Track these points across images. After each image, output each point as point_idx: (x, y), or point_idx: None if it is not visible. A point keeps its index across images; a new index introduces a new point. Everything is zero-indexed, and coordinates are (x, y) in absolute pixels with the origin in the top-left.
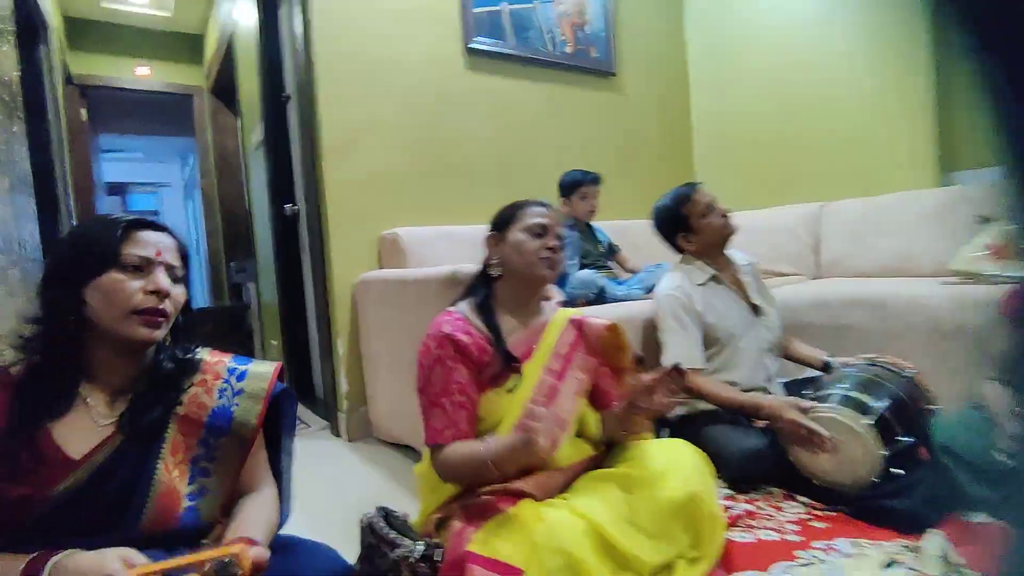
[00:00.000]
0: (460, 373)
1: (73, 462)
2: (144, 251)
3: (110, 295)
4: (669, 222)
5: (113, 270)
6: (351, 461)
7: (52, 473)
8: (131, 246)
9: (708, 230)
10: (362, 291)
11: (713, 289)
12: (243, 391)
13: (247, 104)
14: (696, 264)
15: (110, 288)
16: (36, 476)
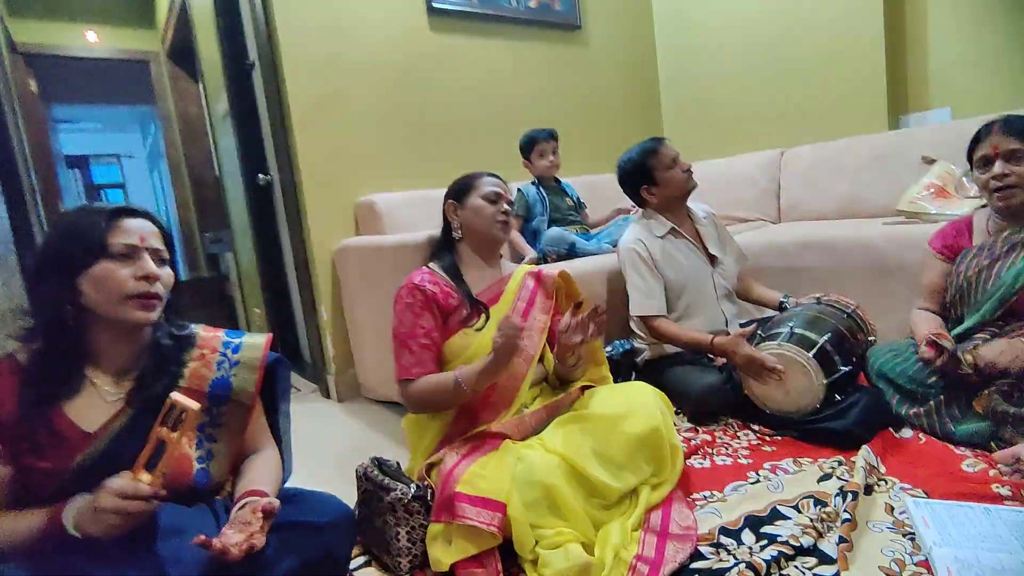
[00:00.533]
0: (426, 319)
1: (89, 435)
2: (129, 239)
3: (103, 284)
4: (634, 175)
5: (103, 260)
6: (342, 420)
7: (71, 447)
8: (117, 235)
9: (671, 184)
10: (342, 258)
11: (672, 241)
12: (239, 362)
13: (209, 70)
14: (656, 218)
15: (102, 277)
16: (56, 451)
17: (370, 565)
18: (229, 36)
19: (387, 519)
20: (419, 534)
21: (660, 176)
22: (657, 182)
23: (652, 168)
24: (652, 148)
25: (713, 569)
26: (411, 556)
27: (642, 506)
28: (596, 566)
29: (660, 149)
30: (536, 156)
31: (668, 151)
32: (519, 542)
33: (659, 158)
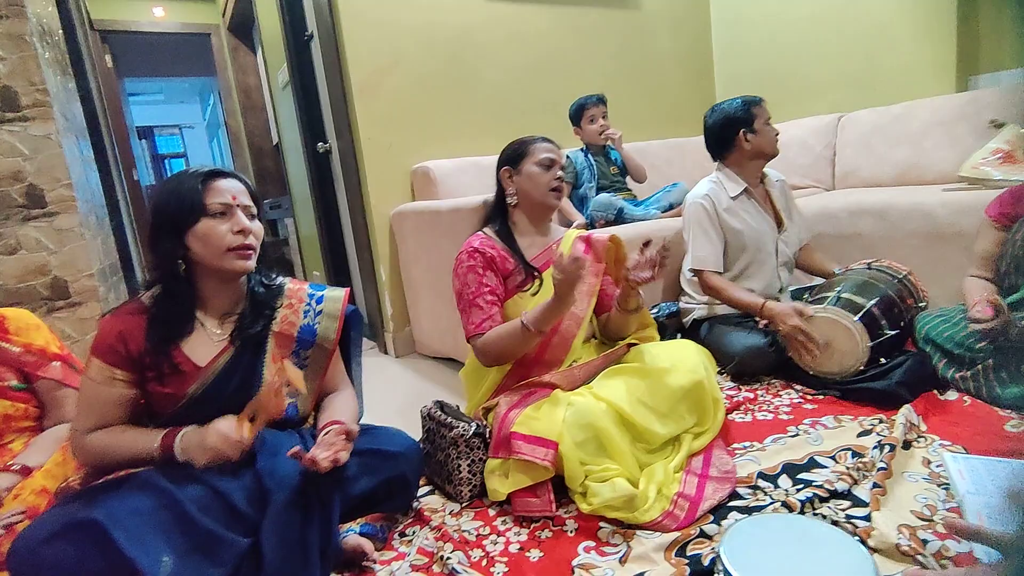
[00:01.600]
0: (490, 278)
1: (200, 368)
2: (223, 198)
3: (207, 239)
4: (735, 120)
5: (204, 218)
6: (401, 373)
7: (186, 377)
8: (212, 196)
9: (766, 137)
10: (399, 222)
11: (743, 202)
12: (323, 311)
13: (268, 41)
14: (730, 175)
15: (206, 234)
16: (175, 379)
17: (434, 493)
18: (289, 8)
19: (450, 452)
20: (479, 467)
21: (759, 126)
22: (756, 131)
23: (754, 116)
24: (756, 100)
25: (750, 507)
26: (471, 486)
27: (684, 451)
28: (640, 498)
29: (763, 104)
30: (586, 121)
31: (767, 109)
32: (570, 475)
33: (761, 110)
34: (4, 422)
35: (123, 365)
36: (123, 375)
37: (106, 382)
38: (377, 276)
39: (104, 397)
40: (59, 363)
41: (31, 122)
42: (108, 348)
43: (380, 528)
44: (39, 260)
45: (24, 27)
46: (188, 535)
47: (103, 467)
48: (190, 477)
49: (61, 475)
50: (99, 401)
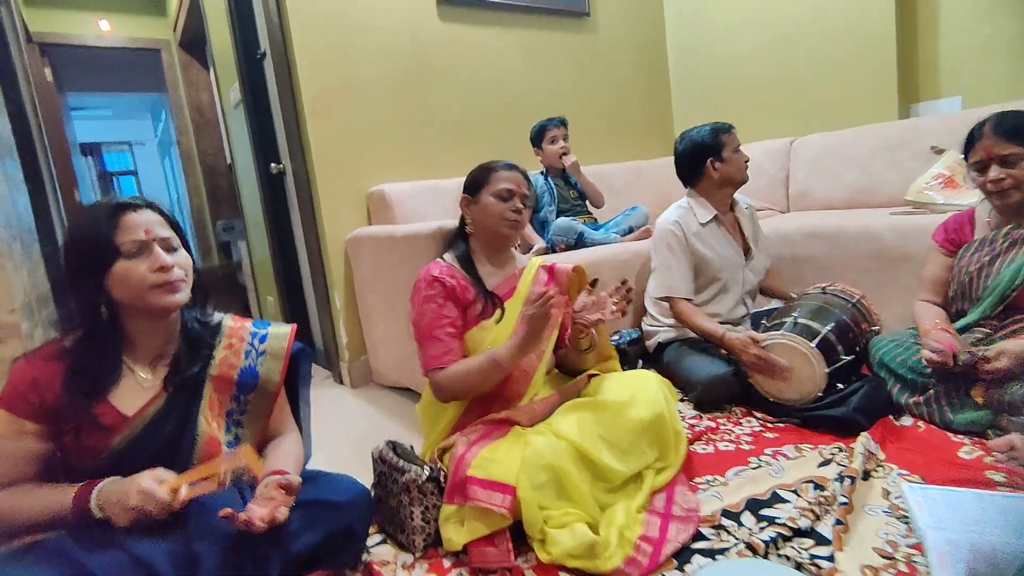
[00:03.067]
0: (450, 309)
1: (127, 418)
2: (135, 235)
3: (125, 281)
4: (704, 147)
5: (118, 260)
6: (356, 405)
7: (110, 428)
8: (123, 234)
9: (735, 165)
10: (354, 247)
11: (712, 229)
12: (266, 352)
13: (220, 59)
14: (702, 202)
15: (122, 276)
16: (96, 432)
17: (385, 543)
18: (241, 26)
19: (402, 499)
20: (432, 514)
21: (727, 155)
22: (724, 159)
23: (723, 144)
24: (726, 128)
25: (714, 549)
26: (425, 535)
27: (646, 489)
28: (601, 545)
29: (732, 131)
30: (547, 142)
31: (735, 137)
32: (528, 522)
33: (730, 138)
34: None
35: (35, 417)
36: (34, 428)
37: (14, 436)
38: (332, 303)
39: (10, 452)
40: None
41: None
42: (18, 397)
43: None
44: None
45: None
46: None
47: (7, 531)
48: (106, 542)
49: None
50: (5, 457)
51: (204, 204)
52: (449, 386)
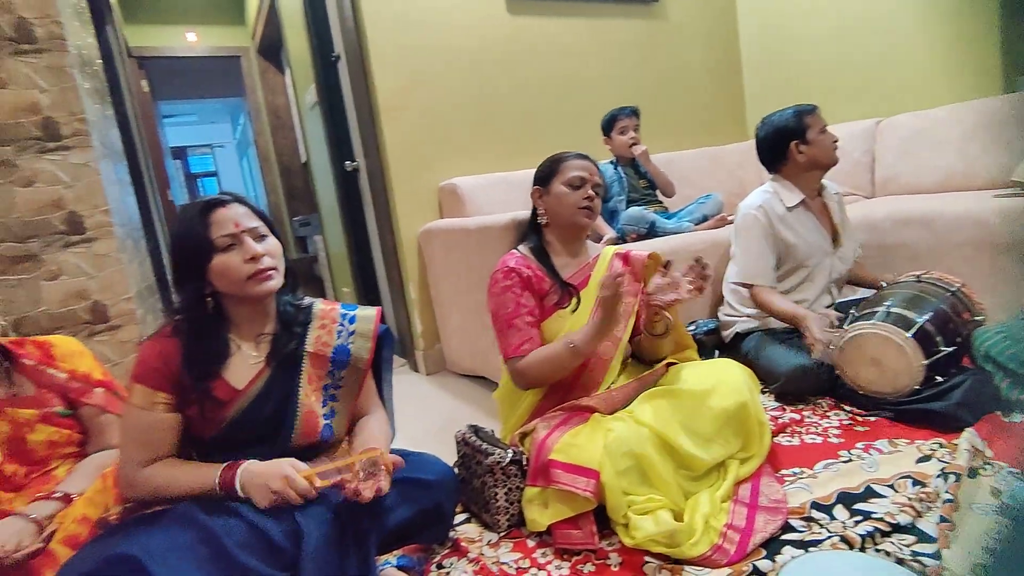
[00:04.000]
0: (527, 299)
1: (239, 391)
2: (226, 229)
3: (224, 274)
4: (786, 130)
5: (214, 254)
6: (432, 392)
7: (225, 400)
8: (216, 230)
9: (822, 147)
10: (427, 239)
11: (799, 214)
12: (355, 331)
13: (296, 63)
14: (787, 185)
15: (221, 269)
16: (215, 404)
17: (470, 521)
18: (316, 30)
19: (486, 480)
20: (516, 495)
21: (813, 136)
22: (809, 141)
23: (807, 126)
24: (809, 109)
25: (805, 540)
26: (509, 515)
27: (731, 478)
28: (685, 532)
29: (816, 112)
30: (616, 132)
31: (821, 117)
32: (612, 507)
33: (815, 119)
34: (49, 448)
35: (165, 387)
36: (165, 397)
37: (149, 407)
38: (406, 294)
39: (150, 424)
40: (102, 390)
41: (71, 151)
42: (149, 371)
43: (417, 560)
44: (79, 285)
45: (65, 59)
46: (226, 571)
47: (151, 503)
48: (228, 511)
49: (102, 503)
50: (146, 429)
51: (281, 201)
52: (529, 373)
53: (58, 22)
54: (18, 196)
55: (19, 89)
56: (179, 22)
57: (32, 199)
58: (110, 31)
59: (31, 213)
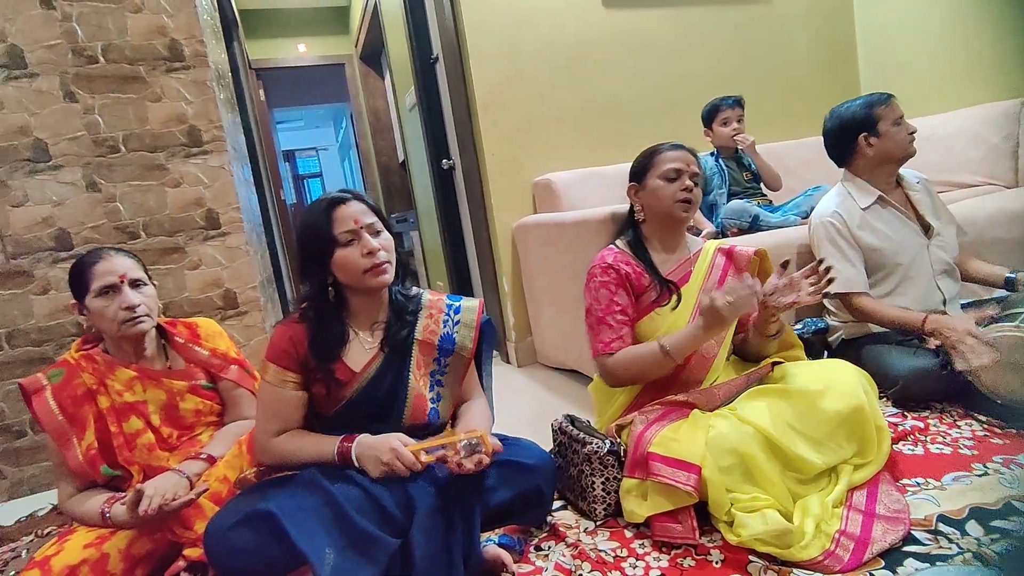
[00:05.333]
0: (621, 296)
1: (356, 373)
2: (347, 226)
3: (344, 267)
4: (854, 123)
5: (336, 249)
6: (524, 383)
7: (345, 380)
8: (338, 226)
9: (894, 140)
10: (521, 234)
11: (877, 212)
12: (460, 321)
13: (397, 67)
14: (859, 184)
15: (341, 263)
16: (336, 384)
17: (567, 508)
18: (416, 34)
19: (583, 469)
20: (613, 485)
21: (884, 128)
22: (880, 134)
23: (878, 118)
24: (881, 99)
25: (932, 554)
26: (606, 504)
27: (843, 484)
28: (795, 534)
29: (890, 102)
30: (718, 123)
31: (897, 107)
32: (714, 503)
33: (888, 110)
34: (195, 415)
35: (294, 368)
36: (294, 376)
37: (280, 384)
38: (500, 287)
39: (281, 399)
40: (236, 367)
41: (210, 155)
42: (281, 352)
43: (517, 540)
44: (215, 274)
45: (206, 74)
46: (346, 533)
47: (281, 467)
48: (346, 479)
49: (238, 466)
50: (278, 404)
51: (380, 199)
52: (616, 372)
53: (201, 41)
54: (168, 196)
55: (170, 102)
56: (291, 35)
57: (179, 198)
58: (236, 47)
59: (178, 210)
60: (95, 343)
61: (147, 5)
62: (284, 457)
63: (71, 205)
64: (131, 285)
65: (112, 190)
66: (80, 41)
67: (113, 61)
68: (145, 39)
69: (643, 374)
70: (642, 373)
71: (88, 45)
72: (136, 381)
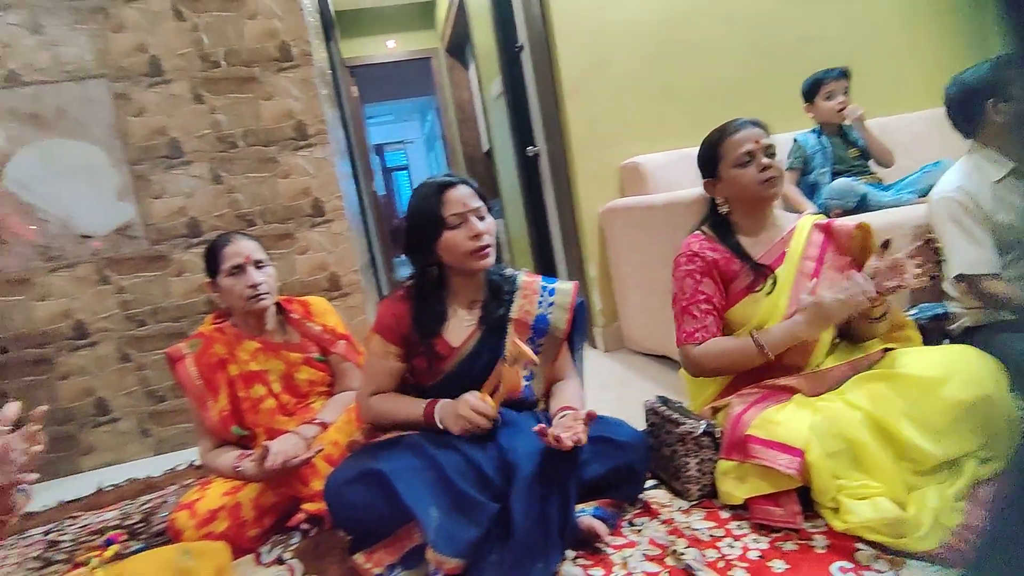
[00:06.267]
0: (707, 285)
1: (455, 348)
2: (455, 209)
3: (450, 248)
4: (979, 90)
5: (444, 231)
6: (612, 368)
7: (444, 354)
8: (447, 208)
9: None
10: (608, 218)
11: (1011, 184)
12: (554, 303)
13: (482, 57)
14: (989, 154)
15: (448, 244)
16: (436, 358)
17: (659, 488)
18: (502, 23)
19: (676, 449)
20: (708, 467)
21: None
22: (1012, 98)
23: (1008, 82)
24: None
25: None
26: (700, 485)
27: (966, 478)
28: (911, 523)
29: None
30: (822, 99)
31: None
32: (819, 489)
33: None
34: (309, 385)
35: (396, 342)
36: (395, 350)
37: (383, 355)
38: (585, 272)
39: (381, 367)
40: (344, 342)
41: (315, 148)
42: (386, 327)
43: (611, 514)
44: (321, 259)
45: (311, 72)
46: (449, 494)
47: (379, 426)
48: (447, 445)
49: (348, 432)
50: (377, 370)
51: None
52: (703, 363)
53: (307, 41)
54: (279, 186)
55: (280, 99)
56: (381, 32)
57: (289, 188)
58: (333, 46)
59: (288, 200)
60: (225, 318)
61: (260, 11)
62: (379, 415)
63: (199, 196)
64: (254, 266)
65: (232, 182)
66: (205, 48)
67: (233, 64)
68: (259, 43)
69: (731, 367)
70: (731, 366)
71: (212, 51)
72: (259, 352)
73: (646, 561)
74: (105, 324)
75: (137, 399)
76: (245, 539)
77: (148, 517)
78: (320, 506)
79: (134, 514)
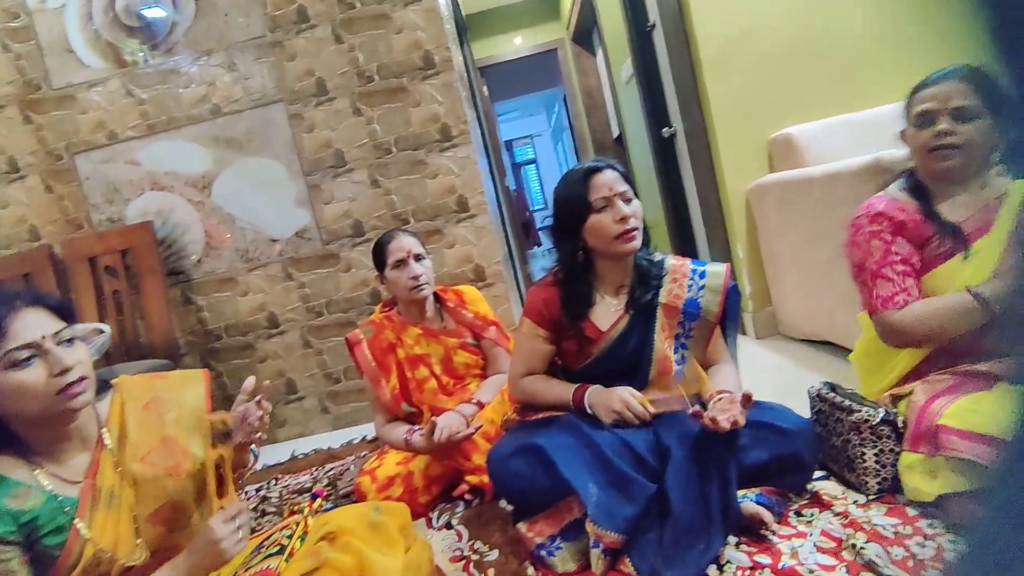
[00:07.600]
0: (900, 244)
1: (603, 332)
2: (602, 193)
3: (597, 232)
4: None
5: (591, 214)
6: (766, 355)
7: (592, 338)
8: (593, 192)
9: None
10: (757, 196)
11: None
12: (705, 286)
13: (610, 41)
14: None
15: (595, 228)
16: (584, 341)
17: (829, 479)
18: (631, 5)
19: (850, 438)
20: (888, 458)
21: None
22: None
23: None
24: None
25: None
26: (880, 478)
27: None
28: None
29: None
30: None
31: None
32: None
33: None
34: (465, 368)
35: (545, 325)
36: (544, 333)
37: (533, 338)
38: (733, 254)
39: (531, 349)
40: (495, 328)
41: (458, 147)
42: (535, 311)
43: (776, 502)
44: (466, 251)
45: (452, 77)
46: (606, 472)
47: (528, 405)
48: (602, 425)
49: (502, 411)
50: (528, 353)
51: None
52: (909, 328)
53: (448, 48)
54: (428, 186)
55: (426, 105)
56: (508, 30)
57: (436, 187)
58: (466, 48)
59: (435, 198)
60: (392, 307)
61: (406, 25)
62: (530, 395)
63: (361, 200)
64: (415, 259)
65: (388, 185)
66: (361, 65)
67: (384, 77)
68: (405, 54)
69: (944, 329)
70: (943, 328)
71: (366, 67)
72: (421, 337)
73: (818, 553)
74: (291, 315)
75: (317, 380)
76: (417, 504)
77: (334, 482)
78: (481, 478)
79: (323, 478)
